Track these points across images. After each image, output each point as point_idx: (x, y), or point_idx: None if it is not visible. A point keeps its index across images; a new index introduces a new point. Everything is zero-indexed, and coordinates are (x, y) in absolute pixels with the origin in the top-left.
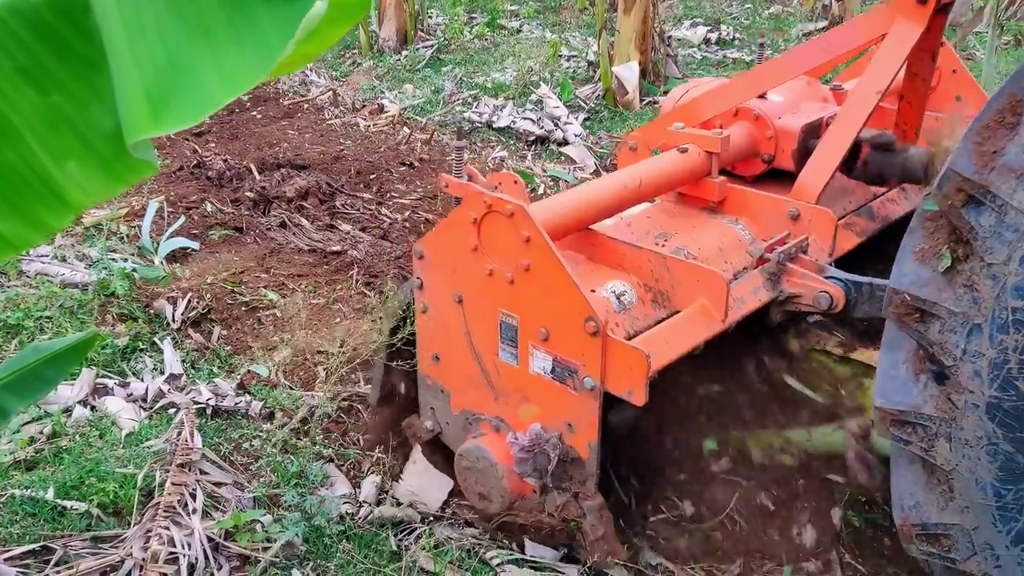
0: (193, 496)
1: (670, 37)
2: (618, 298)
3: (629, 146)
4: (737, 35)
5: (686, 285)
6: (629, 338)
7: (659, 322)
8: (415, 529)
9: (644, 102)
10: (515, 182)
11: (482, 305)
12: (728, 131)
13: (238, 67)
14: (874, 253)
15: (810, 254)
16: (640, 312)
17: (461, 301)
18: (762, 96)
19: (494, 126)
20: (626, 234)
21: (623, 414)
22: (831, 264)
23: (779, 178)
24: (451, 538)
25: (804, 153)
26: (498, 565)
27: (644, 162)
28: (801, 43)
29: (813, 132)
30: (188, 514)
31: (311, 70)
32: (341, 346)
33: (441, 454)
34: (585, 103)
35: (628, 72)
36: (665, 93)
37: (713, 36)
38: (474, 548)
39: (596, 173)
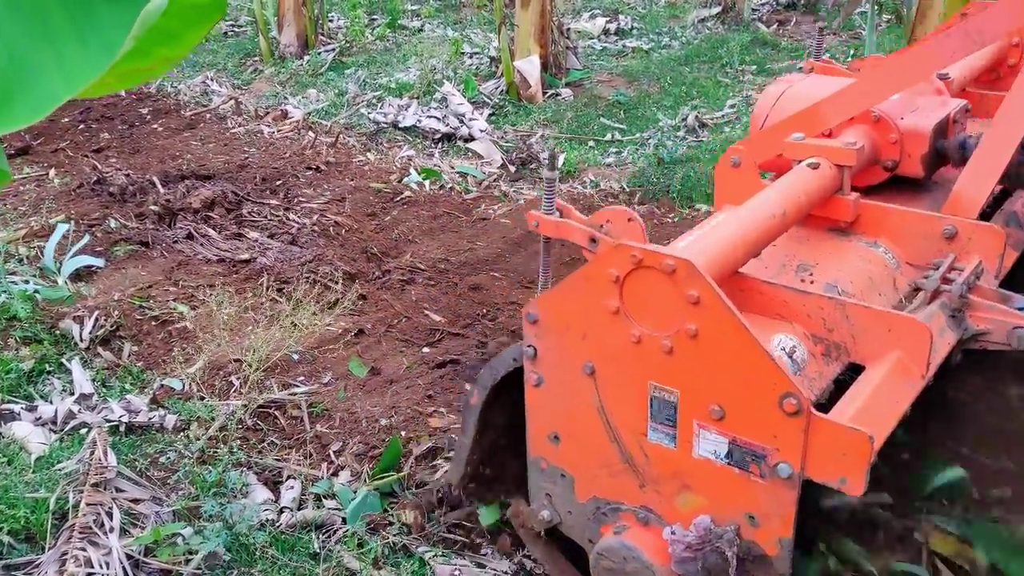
0: (109, 515)
1: (569, 29)
2: (790, 356)
3: (731, 162)
4: (636, 24)
5: (874, 336)
6: (816, 406)
7: (836, 381)
8: (337, 530)
9: (547, 95)
10: (628, 220)
11: (625, 378)
12: (854, 138)
13: (80, 64)
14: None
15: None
16: (814, 370)
17: (594, 373)
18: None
19: (400, 126)
20: (761, 270)
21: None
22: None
23: (882, 189)
24: (374, 535)
25: (935, 157)
26: (431, 559)
27: (777, 185)
28: (697, 30)
29: (942, 132)
30: (105, 533)
31: (211, 79)
32: (255, 353)
33: (558, 546)
34: (489, 98)
35: (529, 66)
36: (567, 85)
37: (612, 26)
38: (396, 544)
39: (503, 167)
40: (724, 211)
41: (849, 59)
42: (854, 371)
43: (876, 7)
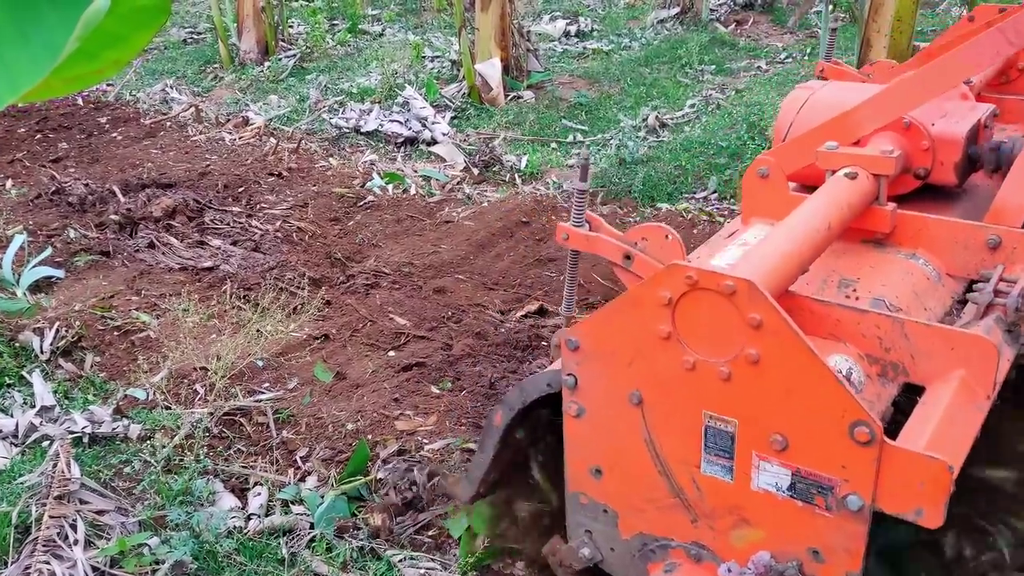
0: (73, 527)
1: (529, 32)
2: (847, 379)
3: (758, 173)
4: (596, 26)
5: (935, 355)
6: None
7: (895, 403)
8: (305, 536)
9: (509, 97)
10: (666, 237)
11: (676, 407)
12: (887, 146)
13: (24, 66)
14: None
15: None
16: (872, 393)
17: (641, 402)
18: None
19: (362, 130)
20: (802, 287)
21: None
22: None
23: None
24: (342, 539)
25: (968, 164)
26: (399, 562)
27: (818, 197)
28: (656, 31)
29: (973, 138)
30: (69, 546)
31: (171, 87)
32: (219, 361)
33: None
34: (451, 102)
35: (491, 69)
36: (529, 87)
37: (572, 28)
38: (364, 548)
39: (466, 170)
40: (754, 225)
41: (805, 58)
42: (908, 392)
43: (831, 7)
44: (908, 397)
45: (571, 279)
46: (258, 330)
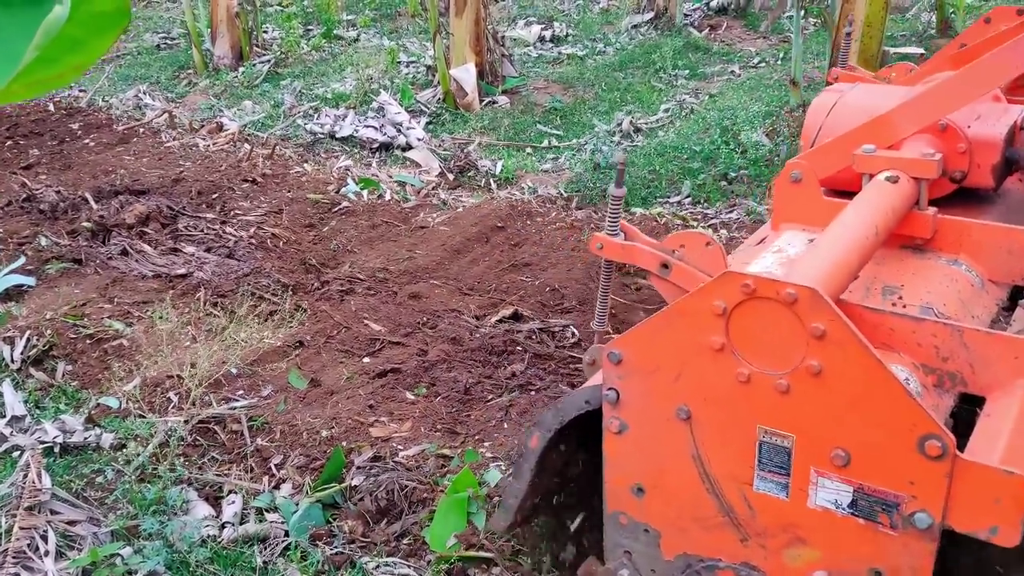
0: (44, 538)
1: (504, 37)
2: None
3: (791, 178)
4: (571, 31)
5: (998, 364)
6: None
7: (953, 415)
8: (280, 544)
9: (484, 102)
10: (707, 244)
11: (728, 422)
12: (925, 149)
13: None
14: None
15: None
16: (930, 404)
17: (689, 417)
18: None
19: (337, 136)
20: (847, 294)
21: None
22: None
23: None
24: (317, 547)
25: (1006, 167)
26: (373, 569)
27: (861, 201)
28: (631, 36)
29: (1010, 140)
30: (40, 557)
31: (144, 93)
32: (193, 368)
33: None
34: (426, 107)
35: (466, 74)
36: (504, 92)
37: (547, 33)
38: (339, 556)
39: (441, 175)
40: (786, 231)
41: (778, 62)
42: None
43: (802, 12)
44: (963, 407)
45: (604, 292)
46: (232, 337)
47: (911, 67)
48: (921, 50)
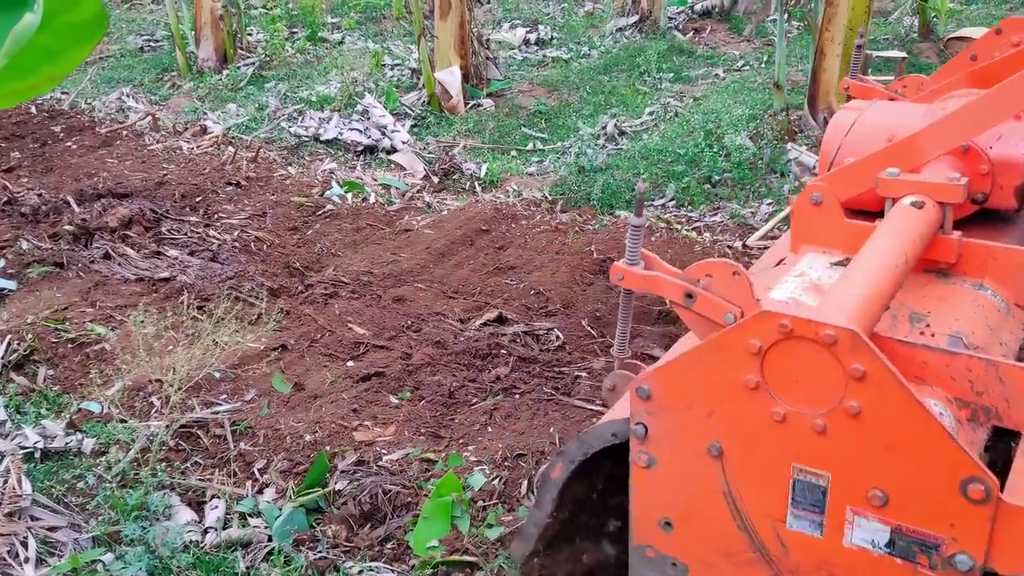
0: (24, 544)
1: (489, 40)
2: None
3: (811, 199)
4: (555, 34)
5: None
6: None
7: (987, 449)
8: (264, 548)
9: (469, 105)
10: (734, 274)
11: (761, 460)
12: (947, 171)
13: None
14: None
15: None
16: (964, 439)
17: (721, 454)
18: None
19: (321, 139)
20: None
21: None
22: None
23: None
24: (301, 552)
25: None
26: (357, 574)
27: (888, 227)
28: (615, 39)
29: None
30: (20, 564)
31: (128, 95)
32: (176, 373)
33: None
34: (411, 110)
35: (450, 77)
36: (489, 95)
37: (532, 36)
38: (323, 560)
39: (426, 178)
40: (806, 254)
41: (762, 66)
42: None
43: (786, 15)
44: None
45: (624, 319)
46: (215, 341)
47: (922, 80)
48: (903, 53)
